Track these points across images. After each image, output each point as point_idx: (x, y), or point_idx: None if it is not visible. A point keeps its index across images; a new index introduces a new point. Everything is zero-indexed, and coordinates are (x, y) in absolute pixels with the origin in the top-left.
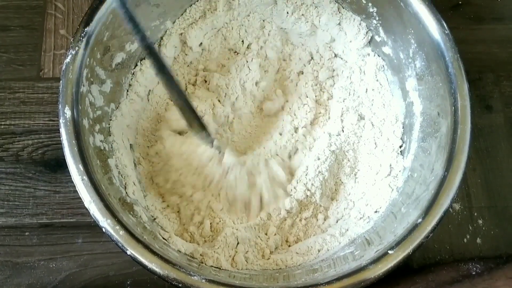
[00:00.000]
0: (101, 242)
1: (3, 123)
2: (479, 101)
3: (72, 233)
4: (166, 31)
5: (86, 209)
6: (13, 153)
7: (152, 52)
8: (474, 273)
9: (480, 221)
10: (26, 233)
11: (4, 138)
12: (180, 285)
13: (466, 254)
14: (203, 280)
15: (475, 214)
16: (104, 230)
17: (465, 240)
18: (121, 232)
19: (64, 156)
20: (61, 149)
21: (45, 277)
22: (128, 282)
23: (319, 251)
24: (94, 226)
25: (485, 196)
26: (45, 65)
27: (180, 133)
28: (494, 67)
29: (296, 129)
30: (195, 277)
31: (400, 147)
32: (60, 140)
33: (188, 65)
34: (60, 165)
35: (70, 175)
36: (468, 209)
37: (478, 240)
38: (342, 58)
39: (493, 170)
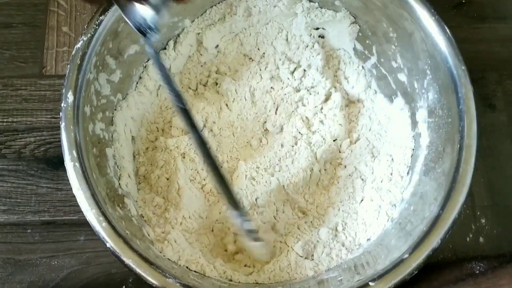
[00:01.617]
0: (99, 238)
1: (5, 120)
2: (482, 100)
3: (74, 231)
4: (183, 29)
5: None
6: (15, 150)
7: (187, 117)
8: (477, 272)
9: (483, 220)
10: (28, 231)
11: (7, 136)
12: (153, 286)
13: (468, 253)
14: (178, 284)
15: (478, 213)
16: (87, 219)
17: (467, 239)
18: (104, 224)
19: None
20: None
21: (47, 275)
22: (130, 280)
23: (307, 270)
24: None
25: (487, 195)
26: (47, 62)
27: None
28: (497, 66)
29: (296, 142)
30: (170, 279)
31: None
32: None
33: (201, 65)
34: (62, 162)
35: None
36: (471, 208)
37: (481, 239)
38: None
39: (495, 169)
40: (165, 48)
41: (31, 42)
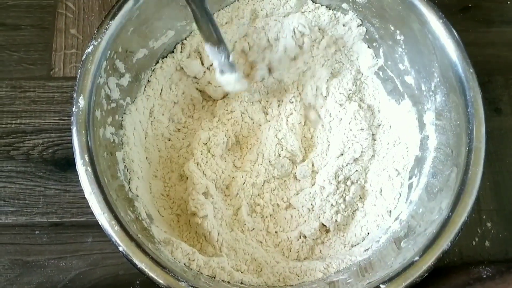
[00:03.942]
0: (111, 242)
1: (14, 122)
2: (488, 104)
3: (82, 232)
4: (191, 32)
5: None
6: (23, 152)
7: None
8: (485, 276)
9: (489, 224)
10: (36, 232)
11: (15, 137)
12: None
13: (474, 257)
14: (190, 287)
15: (484, 217)
16: (100, 223)
17: (473, 243)
18: (116, 228)
19: (73, 156)
20: (71, 148)
21: (55, 276)
22: (137, 282)
23: (317, 272)
24: None
25: (493, 199)
26: (55, 64)
27: None
28: (504, 70)
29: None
30: (182, 283)
31: (409, 179)
32: (71, 136)
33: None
34: (70, 164)
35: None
36: (477, 212)
37: (487, 243)
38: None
39: (502, 173)
40: (172, 52)
41: (39, 44)
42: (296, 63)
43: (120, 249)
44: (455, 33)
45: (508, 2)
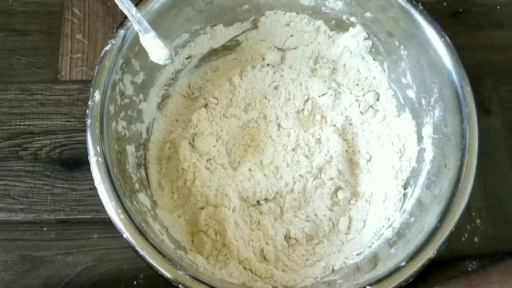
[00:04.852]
0: (116, 238)
1: (22, 123)
2: (478, 106)
3: (88, 229)
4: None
5: (101, 206)
6: (32, 152)
7: None
8: (470, 269)
9: (478, 221)
10: (45, 229)
11: (24, 138)
12: (164, 276)
13: (463, 252)
14: (187, 276)
15: (473, 214)
16: (106, 211)
17: (463, 238)
18: (122, 216)
19: (79, 155)
20: (77, 148)
21: (62, 270)
22: (141, 276)
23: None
24: (109, 222)
25: (483, 197)
26: (62, 68)
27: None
28: (493, 73)
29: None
30: (180, 271)
31: (405, 189)
32: (77, 138)
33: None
34: (76, 164)
35: (86, 174)
36: (466, 209)
37: (476, 239)
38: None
39: (490, 172)
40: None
41: (46, 49)
42: None
43: (124, 236)
44: (455, 52)
45: (498, 7)
